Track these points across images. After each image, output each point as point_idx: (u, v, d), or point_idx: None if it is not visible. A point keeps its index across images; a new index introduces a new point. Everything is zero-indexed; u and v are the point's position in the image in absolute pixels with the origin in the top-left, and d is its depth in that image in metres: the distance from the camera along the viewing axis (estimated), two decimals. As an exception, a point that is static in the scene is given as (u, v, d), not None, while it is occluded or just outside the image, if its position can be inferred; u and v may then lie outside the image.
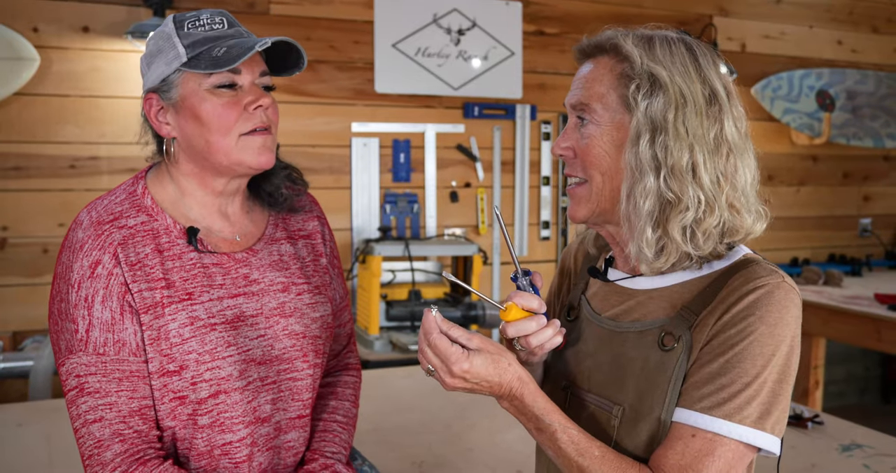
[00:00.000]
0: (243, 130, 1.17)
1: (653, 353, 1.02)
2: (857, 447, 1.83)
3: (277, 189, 1.29)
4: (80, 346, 1.12)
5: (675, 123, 0.99)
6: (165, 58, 1.16)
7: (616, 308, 1.10)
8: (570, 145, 1.07)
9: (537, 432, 1.01)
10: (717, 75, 1.03)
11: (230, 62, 1.11)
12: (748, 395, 0.94)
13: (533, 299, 1.06)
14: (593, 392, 1.08)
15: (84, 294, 1.12)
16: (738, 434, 0.94)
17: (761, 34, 4.13)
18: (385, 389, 2.31)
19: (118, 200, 1.19)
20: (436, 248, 3.20)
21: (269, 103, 1.19)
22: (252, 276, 1.23)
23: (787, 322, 0.96)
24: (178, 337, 1.14)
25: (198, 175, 1.21)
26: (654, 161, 0.99)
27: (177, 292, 1.16)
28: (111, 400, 1.11)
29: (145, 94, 1.20)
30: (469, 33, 3.47)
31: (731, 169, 1.01)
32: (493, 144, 3.55)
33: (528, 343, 1.05)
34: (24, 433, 1.93)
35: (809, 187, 4.34)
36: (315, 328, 1.28)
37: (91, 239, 1.14)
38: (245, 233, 1.27)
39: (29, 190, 2.87)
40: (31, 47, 2.78)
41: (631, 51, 1.01)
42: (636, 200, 1.01)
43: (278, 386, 1.23)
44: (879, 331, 3.14)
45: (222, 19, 1.19)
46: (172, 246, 1.18)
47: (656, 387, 1.00)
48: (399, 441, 1.90)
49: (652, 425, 1.00)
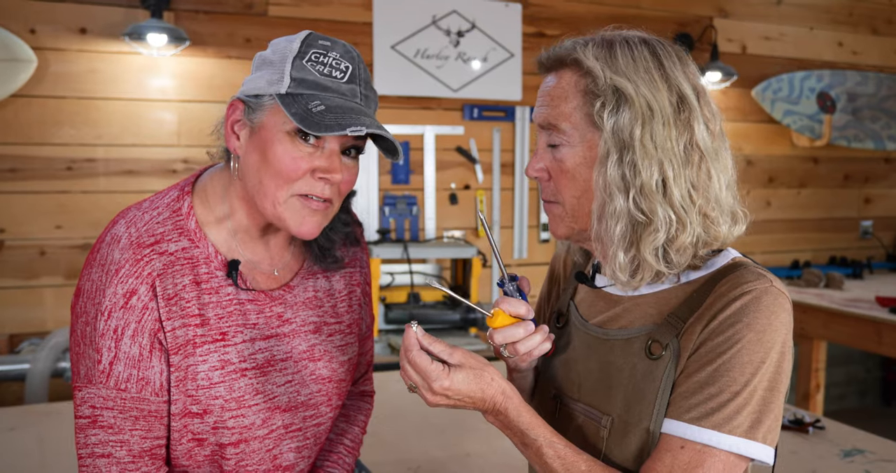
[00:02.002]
0: (299, 191, 1.06)
1: (640, 362, 1.00)
2: (859, 452, 1.81)
3: (332, 245, 1.22)
4: (100, 378, 1.05)
5: (643, 139, 0.95)
6: (270, 76, 1.07)
7: (603, 314, 1.08)
8: (543, 167, 1.04)
9: (523, 446, 0.99)
10: (684, 76, 0.99)
11: (313, 127, 1.00)
12: (738, 404, 0.92)
13: (520, 305, 1.04)
14: (582, 401, 1.07)
15: (114, 324, 1.04)
16: (729, 444, 0.92)
17: (761, 36, 4.12)
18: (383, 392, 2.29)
19: (161, 219, 1.10)
20: (435, 251, 3.19)
21: (339, 180, 1.07)
22: (285, 316, 1.18)
23: (776, 328, 0.94)
24: (206, 380, 1.08)
25: (247, 201, 1.12)
26: (623, 181, 0.96)
27: (210, 331, 1.10)
28: (124, 438, 1.06)
29: (233, 99, 1.11)
30: (468, 35, 3.45)
31: (703, 177, 0.98)
32: (493, 146, 3.54)
33: (516, 349, 1.04)
34: (17, 437, 1.91)
35: (810, 189, 4.33)
36: (342, 371, 1.24)
37: (129, 263, 1.05)
38: (284, 266, 1.20)
39: (25, 192, 2.86)
40: (28, 49, 2.76)
41: (593, 65, 0.98)
42: (607, 222, 0.98)
43: (304, 433, 1.19)
44: (880, 334, 3.12)
45: (348, 67, 1.07)
46: (211, 279, 1.11)
47: (644, 397, 0.98)
48: (396, 445, 1.89)
49: (641, 436, 0.98)
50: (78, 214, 2.92)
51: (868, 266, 4.22)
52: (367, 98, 1.09)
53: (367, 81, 1.10)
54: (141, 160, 2.98)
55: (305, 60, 1.05)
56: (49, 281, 2.90)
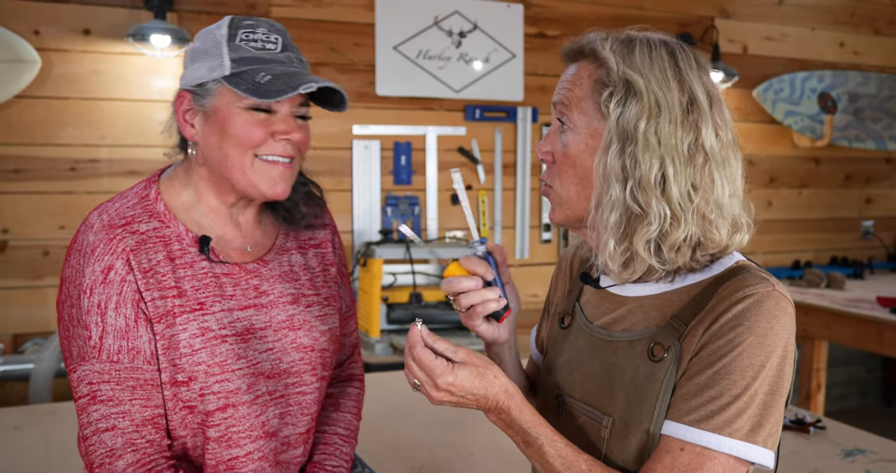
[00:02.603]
0: (262, 153, 1.14)
1: (642, 364, 1.00)
2: (860, 452, 1.82)
3: (296, 205, 1.27)
4: (93, 353, 1.09)
5: (647, 133, 0.96)
6: (209, 63, 1.13)
7: (608, 315, 1.09)
8: (550, 150, 1.06)
9: (524, 445, 1.00)
10: (699, 81, 1.00)
11: (269, 95, 1.08)
12: (738, 408, 0.92)
13: (480, 264, 1.08)
14: (585, 401, 1.07)
15: (97, 300, 1.09)
16: (728, 447, 0.92)
17: (763, 36, 4.12)
18: (386, 392, 2.30)
19: (130, 204, 1.16)
20: (437, 251, 3.20)
21: (298, 138, 1.16)
22: (262, 288, 1.22)
23: (778, 331, 0.94)
24: (188, 347, 1.12)
25: (214, 182, 1.18)
26: (623, 172, 0.97)
27: (188, 302, 1.14)
28: (124, 409, 1.09)
29: (180, 90, 1.17)
30: (470, 35, 3.46)
31: (706, 180, 0.98)
32: (495, 147, 3.54)
33: (460, 303, 1.07)
34: (22, 437, 1.92)
35: (811, 189, 4.33)
36: (323, 341, 1.26)
37: (103, 243, 1.10)
38: (256, 244, 1.25)
39: (29, 192, 2.87)
40: (32, 50, 2.77)
41: (608, 56, 0.99)
42: (603, 211, 0.99)
43: (287, 400, 1.22)
44: (882, 335, 3.13)
45: (277, 39, 1.15)
46: (184, 255, 1.16)
47: (645, 399, 0.98)
48: (400, 444, 1.89)
49: (641, 437, 0.98)
50: (81, 215, 2.92)
51: (869, 266, 4.23)
52: (303, 62, 1.18)
53: (296, 48, 1.18)
54: (144, 161, 2.99)
55: (238, 41, 1.12)
56: (53, 281, 2.91)
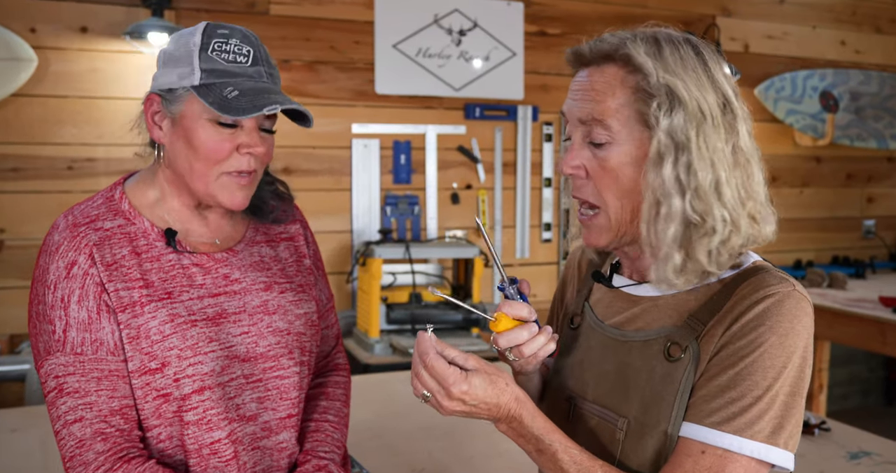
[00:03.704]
0: (227, 169, 1.16)
1: (658, 364, 0.98)
2: (865, 454, 1.80)
3: (263, 203, 1.29)
4: (57, 347, 1.11)
5: (697, 141, 0.94)
6: (180, 70, 1.14)
7: (620, 315, 1.07)
8: (580, 164, 1.00)
9: (537, 453, 0.98)
10: (724, 78, 0.99)
11: (233, 112, 1.09)
12: (760, 409, 0.91)
13: (522, 307, 1.03)
14: (598, 403, 1.05)
15: (60, 294, 1.11)
16: (751, 449, 0.90)
17: (764, 34, 4.10)
18: (385, 394, 2.28)
19: (95, 204, 1.19)
20: (437, 250, 3.18)
21: (261, 153, 1.18)
22: (233, 276, 1.23)
23: (799, 332, 0.93)
24: (158, 334, 1.13)
25: (177, 186, 1.21)
26: (678, 183, 0.95)
27: (156, 291, 1.15)
28: (91, 400, 1.10)
29: (150, 93, 1.19)
30: (470, 34, 3.44)
31: (749, 179, 0.98)
32: (495, 146, 3.52)
33: (521, 352, 1.03)
34: (19, 439, 1.90)
35: (813, 188, 4.32)
36: (299, 325, 1.27)
37: (66, 240, 1.13)
38: (224, 237, 1.26)
39: (26, 191, 2.85)
40: (29, 48, 2.75)
41: (644, 62, 0.95)
42: (660, 224, 0.96)
43: (265, 384, 1.22)
44: (884, 334, 3.11)
45: (249, 51, 1.16)
46: (150, 249, 1.18)
47: (662, 400, 0.97)
48: (399, 447, 1.88)
49: (658, 439, 0.96)
50: (79, 214, 2.91)
51: (871, 265, 4.21)
52: (272, 76, 1.19)
53: (267, 60, 1.19)
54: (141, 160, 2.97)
55: (210, 51, 1.13)
56: (50, 281, 2.89)
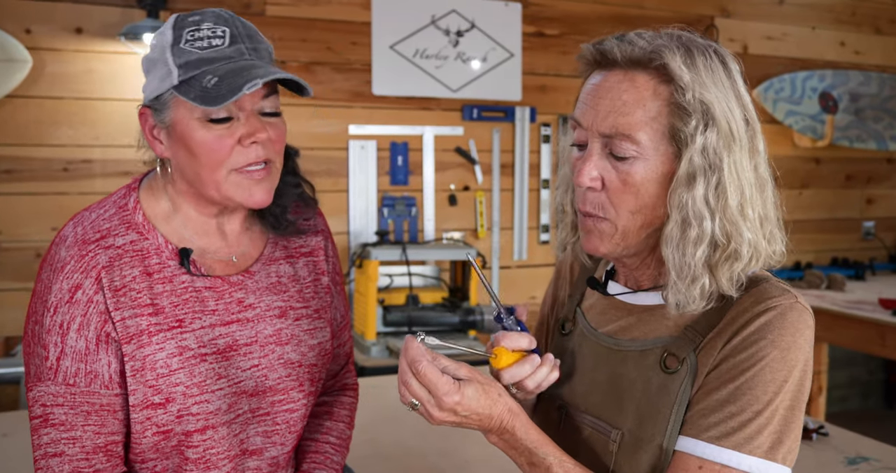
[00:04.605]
0: (235, 166, 1.07)
1: (654, 375, 0.97)
2: (864, 459, 1.79)
3: (284, 211, 1.20)
4: (49, 374, 1.05)
5: (729, 161, 0.91)
6: (159, 72, 1.07)
7: (614, 323, 1.05)
8: (598, 175, 0.95)
9: (529, 466, 0.96)
10: (746, 93, 0.95)
11: (217, 100, 1.00)
12: (759, 424, 0.89)
13: (522, 338, 1.00)
14: (590, 413, 1.03)
15: (60, 319, 1.04)
16: (749, 465, 0.89)
17: (763, 35, 4.09)
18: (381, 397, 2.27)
19: (107, 216, 1.11)
20: (434, 252, 3.17)
21: (265, 138, 1.07)
22: (247, 301, 1.16)
23: (801, 346, 0.91)
24: (165, 367, 1.07)
25: (193, 195, 1.13)
26: (707, 204, 0.91)
27: (166, 319, 1.08)
28: (76, 435, 1.05)
29: (141, 107, 1.12)
30: (468, 35, 3.43)
31: (765, 201, 0.96)
32: (492, 147, 3.51)
33: (525, 386, 1.00)
34: (13, 443, 1.89)
35: (812, 190, 4.30)
36: (312, 356, 1.21)
37: (74, 259, 1.05)
38: (242, 253, 1.19)
39: (22, 193, 2.84)
40: (24, 49, 2.74)
41: (682, 74, 0.90)
42: (689, 247, 0.92)
43: (272, 417, 1.17)
44: (884, 337, 3.10)
45: (224, 32, 1.06)
46: (163, 269, 1.10)
47: (658, 412, 0.95)
48: (393, 451, 1.86)
49: (653, 453, 0.95)
50: (74, 216, 2.90)
51: (870, 267, 4.20)
52: (256, 50, 1.09)
53: (250, 35, 1.09)
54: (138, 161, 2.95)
55: (183, 43, 1.05)
56: (45, 283, 2.88)
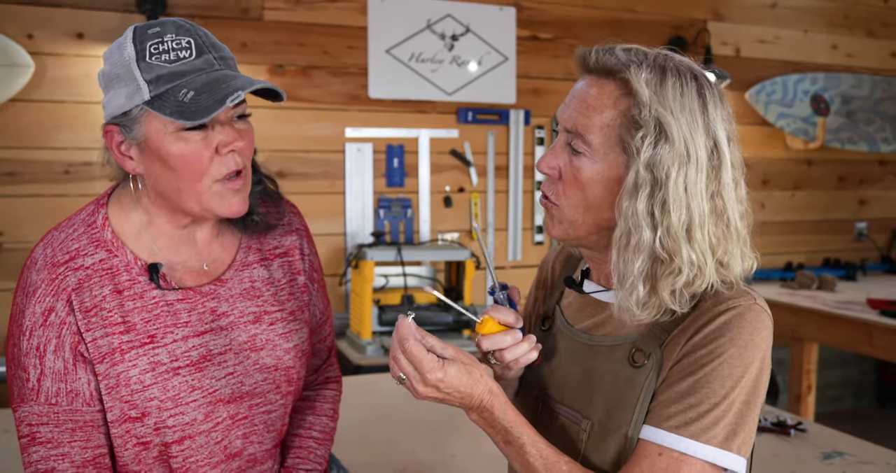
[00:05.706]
0: (217, 176, 1.08)
1: (623, 369, 1.02)
2: (839, 454, 1.84)
3: (251, 211, 1.20)
4: (31, 395, 1.08)
5: (676, 180, 0.94)
6: (125, 89, 1.04)
7: (589, 320, 1.11)
8: (556, 165, 1.03)
9: (505, 445, 1.02)
10: (721, 121, 0.99)
11: (196, 116, 1.00)
12: (716, 416, 0.95)
13: (509, 313, 1.06)
14: (565, 404, 1.09)
15: (36, 342, 1.07)
16: (705, 454, 0.94)
17: (756, 39, 4.13)
18: (374, 395, 2.32)
19: (75, 235, 1.11)
20: (429, 253, 3.22)
21: (242, 146, 1.08)
22: (220, 309, 1.17)
23: (757, 344, 0.97)
24: (138, 383, 1.10)
25: (168, 208, 1.13)
26: (650, 217, 0.95)
27: (137, 335, 1.10)
28: (64, 451, 1.08)
29: (105, 125, 1.09)
30: (463, 39, 3.48)
31: (723, 227, 0.98)
32: (487, 149, 3.56)
33: (503, 357, 1.06)
34: (11, 439, 1.93)
35: (804, 191, 4.35)
36: (288, 359, 1.23)
37: (45, 283, 1.07)
38: (214, 260, 1.20)
39: (23, 195, 2.89)
40: (26, 54, 2.79)
41: (641, 90, 0.95)
42: (629, 255, 0.97)
43: (251, 420, 1.20)
44: (871, 336, 3.14)
45: (190, 43, 1.04)
46: (133, 285, 1.11)
47: (625, 403, 1.01)
48: (383, 447, 1.91)
49: (619, 441, 1.00)
50: (75, 217, 2.95)
51: (862, 268, 4.24)
52: (223, 59, 1.08)
53: (213, 44, 1.07)
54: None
55: (148, 57, 1.03)
56: (47, 283, 2.92)
